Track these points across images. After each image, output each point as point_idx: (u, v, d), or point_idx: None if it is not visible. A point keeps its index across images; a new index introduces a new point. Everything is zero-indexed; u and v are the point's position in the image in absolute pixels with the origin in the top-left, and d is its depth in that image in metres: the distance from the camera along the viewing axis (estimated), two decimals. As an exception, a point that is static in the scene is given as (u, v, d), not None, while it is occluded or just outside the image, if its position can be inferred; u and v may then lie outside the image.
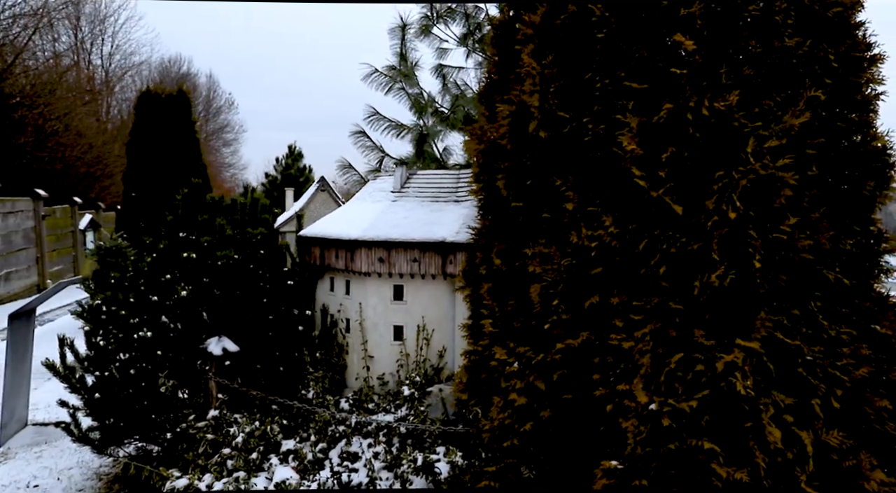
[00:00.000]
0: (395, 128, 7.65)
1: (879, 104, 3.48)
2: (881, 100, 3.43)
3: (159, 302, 4.32)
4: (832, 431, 2.73)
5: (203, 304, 4.27)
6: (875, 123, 3.48)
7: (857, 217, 3.32)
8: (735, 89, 2.88)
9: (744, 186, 2.74)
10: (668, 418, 2.74)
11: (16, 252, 17.34)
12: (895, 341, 3.03)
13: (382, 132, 7.74)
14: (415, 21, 8.65)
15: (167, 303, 4.20)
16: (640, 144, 2.96)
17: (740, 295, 2.81)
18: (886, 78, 3.38)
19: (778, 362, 2.80)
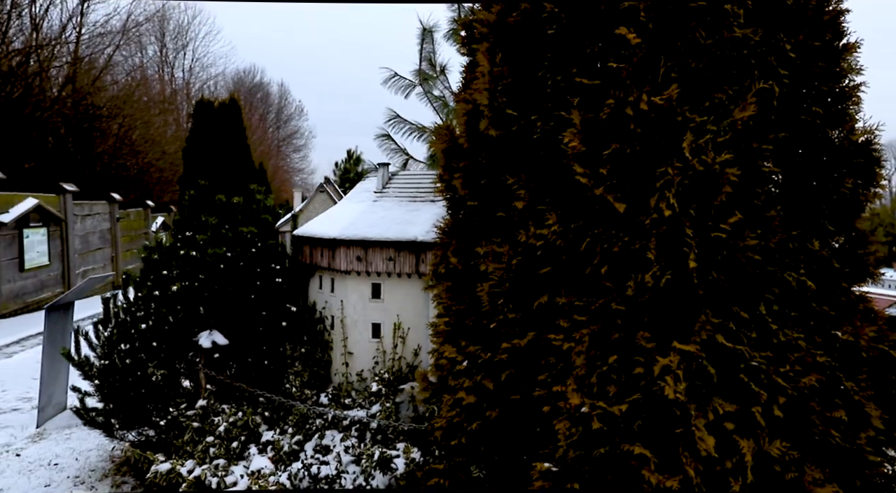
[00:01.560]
0: (416, 130, 7.73)
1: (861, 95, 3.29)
2: (861, 91, 3.23)
3: (159, 297, 4.56)
4: (776, 441, 2.58)
5: (195, 299, 4.47)
6: (857, 115, 3.27)
7: (833, 216, 3.13)
8: (680, 82, 2.79)
9: (680, 182, 2.64)
10: (598, 421, 2.67)
11: (92, 251, 18.61)
12: (864, 346, 2.84)
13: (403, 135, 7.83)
14: (440, 24, 8.70)
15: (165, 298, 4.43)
16: (583, 140, 2.90)
17: (681, 296, 2.71)
18: (865, 68, 3.18)
19: (720, 366, 2.67)
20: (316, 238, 4.69)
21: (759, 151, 2.78)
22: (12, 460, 5.33)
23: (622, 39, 2.83)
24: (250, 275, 4.61)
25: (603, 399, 2.69)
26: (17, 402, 7.52)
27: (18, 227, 15.99)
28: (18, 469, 5.09)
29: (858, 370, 2.82)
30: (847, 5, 3.28)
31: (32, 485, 4.77)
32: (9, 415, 6.93)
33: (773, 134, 2.85)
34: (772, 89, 2.76)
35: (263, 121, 44.25)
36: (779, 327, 2.72)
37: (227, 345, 4.47)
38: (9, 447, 5.75)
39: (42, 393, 6.45)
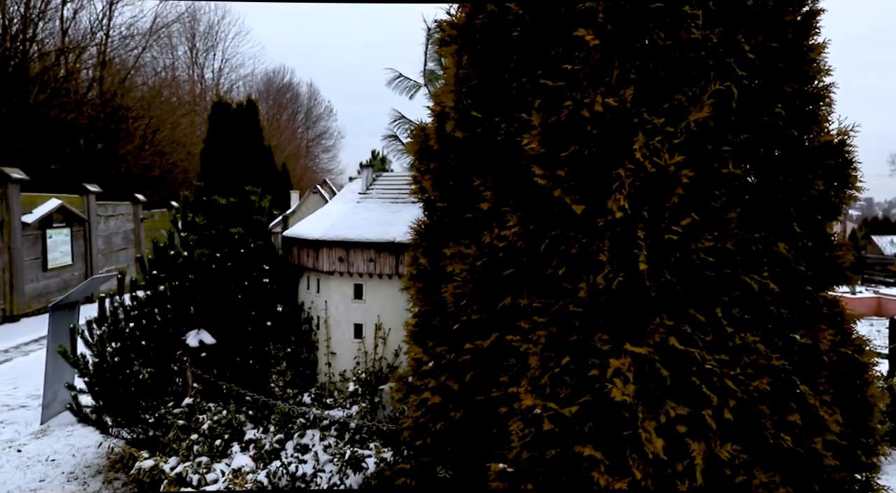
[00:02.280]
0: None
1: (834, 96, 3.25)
2: (832, 92, 3.19)
3: (150, 296, 4.67)
4: (727, 444, 2.56)
5: (185, 298, 4.57)
6: (829, 116, 3.23)
7: (802, 218, 3.09)
8: (638, 84, 2.79)
9: (632, 184, 2.63)
10: (549, 422, 2.68)
11: (116, 252, 18.99)
12: (824, 349, 2.80)
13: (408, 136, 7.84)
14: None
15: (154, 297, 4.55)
16: (542, 142, 2.91)
17: (636, 298, 2.71)
18: (833, 68, 3.14)
19: (674, 369, 2.66)
20: (301, 239, 4.76)
21: (717, 153, 2.77)
22: (13, 456, 5.49)
23: (580, 41, 2.84)
24: (238, 275, 4.70)
25: (554, 401, 2.69)
26: (27, 399, 7.73)
27: (42, 227, 16.41)
28: (17, 465, 5.24)
29: (817, 374, 2.78)
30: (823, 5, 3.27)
31: (27, 480, 4.91)
32: (17, 412, 7.13)
33: (733, 135, 2.83)
34: (729, 91, 2.74)
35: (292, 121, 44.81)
36: (735, 329, 2.70)
37: (215, 344, 4.56)
38: (12, 442, 5.93)
39: (46, 391, 6.62)
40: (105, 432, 5.09)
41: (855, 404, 2.96)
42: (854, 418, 2.96)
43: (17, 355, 10.69)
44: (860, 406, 2.96)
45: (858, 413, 2.98)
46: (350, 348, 4.65)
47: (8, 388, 8.44)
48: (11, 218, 14.84)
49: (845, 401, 2.95)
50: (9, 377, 9.11)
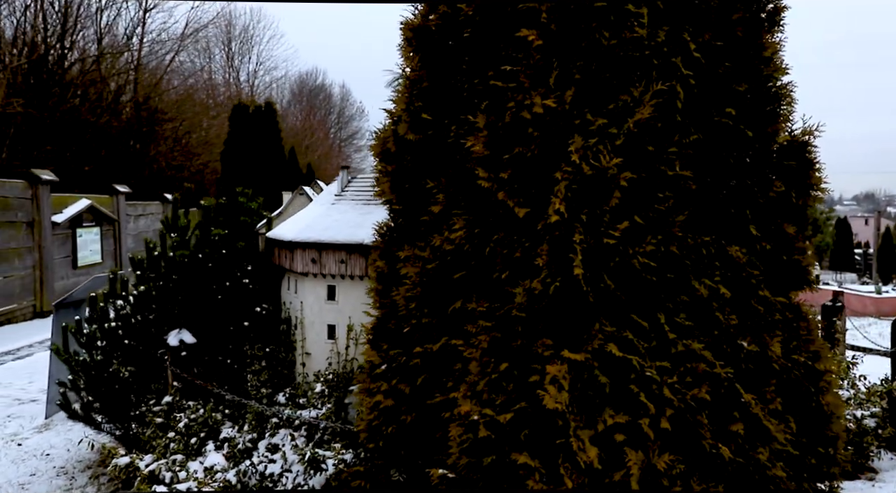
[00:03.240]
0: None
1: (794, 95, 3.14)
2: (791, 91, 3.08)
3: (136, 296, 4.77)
4: (665, 454, 2.50)
5: (167, 298, 4.66)
6: (790, 116, 3.13)
7: (759, 221, 3.00)
8: (583, 84, 2.73)
9: (568, 187, 2.58)
10: (485, 428, 2.65)
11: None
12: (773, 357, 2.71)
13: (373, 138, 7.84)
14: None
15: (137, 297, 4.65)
16: (487, 144, 2.88)
17: (575, 304, 2.66)
18: (790, 67, 3.04)
19: (614, 376, 2.61)
20: (279, 240, 4.81)
21: (662, 155, 2.70)
22: (12, 449, 5.67)
23: (524, 41, 2.80)
24: (219, 276, 4.77)
25: (491, 407, 2.66)
26: (39, 393, 7.97)
27: (72, 226, 16.93)
28: (13, 459, 5.41)
29: (765, 382, 2.69)
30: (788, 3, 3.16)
31: (19, 474, 5.07)
32: (26, 406, 7.36)
33: (681, 136, 2.75)
34: (673, 90, 2.67)
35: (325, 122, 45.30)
36: (678, 336, 2.63)
37: (196, 343, 4.63)
38: (15, 436, 6.13)
39: (50, 386, 6.81)
40: (97, 428, 5.23)
41: (810, 413, 2.86)
42: (810, 427, 2.86)
43: (40, 349, 11.05)
44: (816, 415, 2.86)
45: (815, 422, 2.88)
46: (323, 349, 4.68)
47: (24, 382, 8.73)
48: (42, 218, 15.33)
49: (800, 410, 2.85)
50: (27, 372, 9.42)
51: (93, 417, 4.92)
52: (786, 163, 3.07)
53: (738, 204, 2.96)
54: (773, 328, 2.84)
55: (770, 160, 3.02)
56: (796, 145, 3.10)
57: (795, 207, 3.15)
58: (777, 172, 3.04)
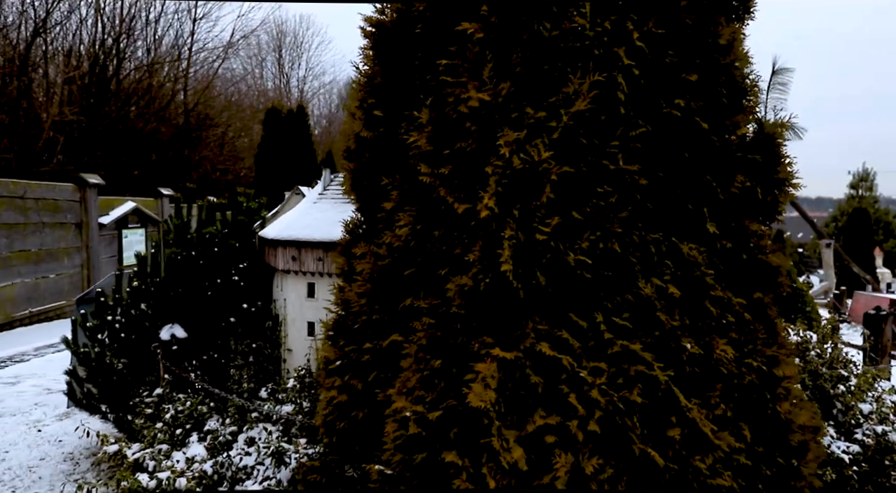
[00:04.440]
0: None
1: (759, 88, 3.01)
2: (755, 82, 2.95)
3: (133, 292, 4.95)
4: (594, 457, 2.42)
5: (161, 295, 4.81)
6: (756, 109, 2.99)
7: (718, 218, 2.87)
8: (523, 77, 2.68)
9: (499, 182, 2.54)
10: (416, 425, 2.62)
11: (183, 250, 20.10)
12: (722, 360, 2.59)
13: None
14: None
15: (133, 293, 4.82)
16: (431, 139, 2.86)
17: (509, 301, 2.60)
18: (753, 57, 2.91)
19: (547, 376, 2.54)
20: (266, 239, 4.90)
21: (602, 148, 2.62)
22: (31, 435, 5.96)
23: (464, 34, 2.76)
24: (210, 273, 4.90)
25: (422, 404, 2.63)
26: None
27: (118, 228, 17.71)
28: (30, 443, 5.68)
29: (710, 387, 2.57)
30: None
31: (31, 457, 5.32)
32: (53, 395, 7.71)
33: (625, 129, 2.66)
34: (614, 82, 2.58)
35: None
36: (615, 336, 2.54)
37: (186, 338, 4.76)
38: (37, 423, 6.44)
39: (74, 377, 7.14)
40: (105, 417, 5.44)
41: (765, 422, 2.71)
42: (766, 436, 2.72)
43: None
44: (773, 424, 2.71)
45: (772, 431, 2.73)
46: (303, 346, 4.73)
47: (57, 373, 9.12)
48: (89, 219, 16.08)
49: (755, 418, 2.71)
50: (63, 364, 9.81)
51: (94, 405, 5.12)
52: (750, 157, 2.93)
53: (696, 200, 2.84)
54: (725, 331, 2.71)
55: (730, 155, 2.89)
56: (761, 139, 2.95)
57: (763, 203, 3.01)
58: (740, 167, 2.91)
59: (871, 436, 5.33)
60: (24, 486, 4.66)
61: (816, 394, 5.91)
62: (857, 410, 5.50)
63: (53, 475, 4.90)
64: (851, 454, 5.26)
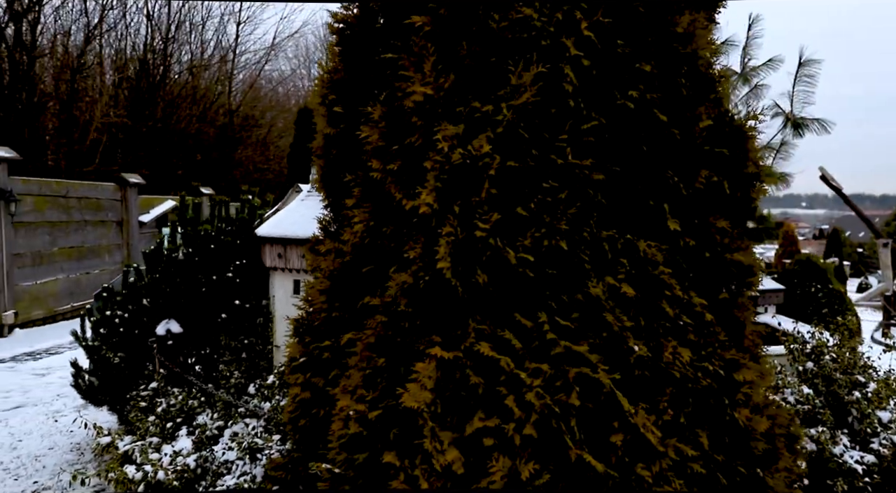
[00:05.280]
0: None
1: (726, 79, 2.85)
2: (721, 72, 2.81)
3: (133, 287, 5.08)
4: (530, 462, 2.34)
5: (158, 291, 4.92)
6: (723, 100, 2.85)
7: (681, 214, 2.74)
8: (468, 70, 2.62)
9: (438, 177, 2.48)
10: (358, 425, 2.60)
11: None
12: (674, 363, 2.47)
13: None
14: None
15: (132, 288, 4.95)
16: (383, 135, 2.82)
17: (450, 299, 2.55)
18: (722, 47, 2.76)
19: (489, 377, 2.47)
20: (258, 237, 4.96)
21: (549, 142, 2.53)
22: (47, 425, 6.20)
23: (412, 27, 2.71)
24: (205, 270, 4.98)
25: (364, 403, 2.60)
26: (93, 376, 8.66)
27: (158, 226, 18.27)
28: (43, 433, 5.91)
29: (659, 391, 2.45)
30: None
31: (41, 446, 5.53)
32: (78, 387, 8.01)
33: (575, 122, 2.57)
34: (559, 72, 2.50)
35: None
36: (559, 337, 2.45)
37: (182, 334, 4.86)
38: (56, 413, 6.69)
39: (95, 370, 7.40)
40: (112, 409, 5.61)
41: (724, 429, 2.57)
42: (726, 444, 2.58)
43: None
44: (732, 431, 2.57)
45: (732, 439, 2.59)
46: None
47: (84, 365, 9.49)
48: (129, 217, 16.67)
49: (713, 424, 2.58)
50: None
51: (99, 398, 5.28)
52: (717, 150, 2.80)
53: (657, 196, 2.72)
54: (682, 333, 2.59)
55: (695, 148, 2.75)
56: (728, 132, 2.81)
57: (731, 199, 2.87)
58: (705, 161, 2.77)
59: (889, 446, 5.05)
60: (27, 474, 4.85)
61: (830, 400, 5.63)
62: (875, 418, 5.21)
63: (58, 464, 5.08)
64: (866, 464, 5.01)
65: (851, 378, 5.74)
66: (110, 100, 20.40)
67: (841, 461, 5.21)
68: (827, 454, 5.19)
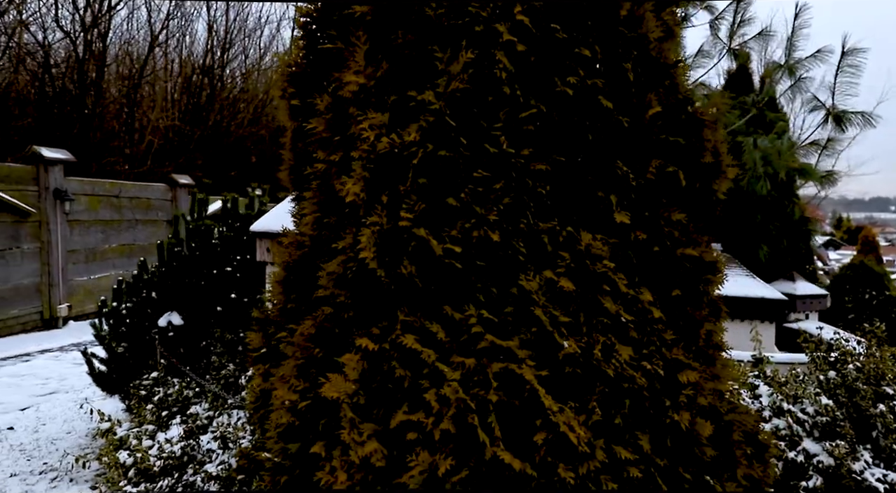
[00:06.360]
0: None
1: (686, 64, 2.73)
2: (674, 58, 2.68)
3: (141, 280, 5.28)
4: (449, 457, 2.28)
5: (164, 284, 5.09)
6: (679, 88, 2.72)
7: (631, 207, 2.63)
8: (405, 59, 2.59)
9: (365, 166, 2.46)
10: (289, 414, 2.60)
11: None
12: (596, 360, 2.37)
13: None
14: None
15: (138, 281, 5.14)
16: (328, 126, 2.82)
17: (378, 290, 2.52)
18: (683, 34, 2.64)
19: (415, 370, 2.43)
20: (250, 232, 5.06)
21: (484, 131, 2.47)
22: (73, 411, 6.52)
23: (352, 17, 2.70)
24: (206, 264, 5.12)
25: (296, 393, 2.60)
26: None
27: (208, 225, 18.91)
28: (66, 418, 6.22)
29: (589, 390, 2.35)
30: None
31: (60, 431, 5.81)
32: (110, 376, 8.39)
33: (511, 110, 2.49)
34: (491, 59, 2.43)
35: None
36: (485, 330, 2.39)
37: (182, 325, 5.01)
38: (84, 401, 7.00)
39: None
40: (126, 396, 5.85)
41: (664, 432, 2.44)
42: (667, 448, 2.45)
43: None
44: (672, 434, 2.44)
45: (673, 442, 2.45)
46: (278, 336, 4.82)
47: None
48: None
49: (653, 427, 2.45)
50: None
51: (108, 385, 5.51)
52: (672, 139, 2.67)
53: (606, 188, 2.62)
54: (623, 330, 2.47)
55: (646, 137, 2.63)
56: (684, 120, 2.67)
57: (689, 191, 2.73)
58: (657, 151, 2.65)
59: (905, 452, 4.71)
60: (40, 455, 5.11)
61: (852, 413, 5.29)
62: (903, 433, 4.87)
63: (70, 447, 5.32)
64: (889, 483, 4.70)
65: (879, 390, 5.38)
66: (166, 103, 21.35)
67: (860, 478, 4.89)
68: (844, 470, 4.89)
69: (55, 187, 12.62)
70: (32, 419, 6.04)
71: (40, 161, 12.38)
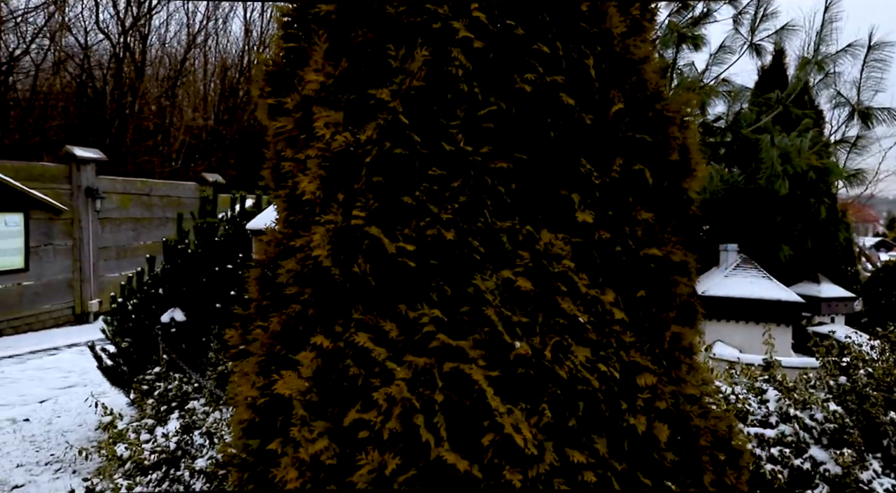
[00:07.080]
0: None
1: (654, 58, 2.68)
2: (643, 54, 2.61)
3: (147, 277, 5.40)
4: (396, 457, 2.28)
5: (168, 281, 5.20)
6: (647, 85, 2.66)
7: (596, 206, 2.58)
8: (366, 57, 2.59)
9: (320, 164, 2.47)
10: (249, 410, 2.63)
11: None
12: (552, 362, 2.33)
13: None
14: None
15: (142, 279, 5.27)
16: (297, 125, 2.84)
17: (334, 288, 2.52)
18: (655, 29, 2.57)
19: (368, 368, 2.43)
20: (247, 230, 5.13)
21: (441, 128, 2.45)
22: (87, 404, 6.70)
23: (317, 16, 2.71)
24: (208, 262, 5.21)
25: (256, 389, 2.63)
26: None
27: (237, 223, 19.28)
28: (80, 411, 6.41)
29: (540, 392, 2.31)
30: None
31: (72, 423, 5.99)
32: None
33: (470, 107, 2.47)
34: (446, 56, 2.41)
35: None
36: (437, 329, 2.37)
37: (184, 322, 5.11)
38: (101, 394, 7.20)
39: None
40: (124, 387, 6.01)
41: (623, 435, 2.39)
42: (625, 451, 2.40)
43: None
44: (629, 438, 2.38)
45: (633, 446, 2.40)
46: (271, 333, 4.88)
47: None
48: (210, 214, 17.76)
49: (610, 430, 2.40)
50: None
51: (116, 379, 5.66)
52: (638, 136, 2.60)
53: (570, 186, 2.57)
54: (580, 331, 2.42)
55: (610, 134, 2.57)
56: (651, 117, 2.61)
57: (657, 190, 2.66)
58: (622, 149, 2.59)
59: (911, 456, 4.53)
60: (49, 447, 5.29)
61: (861, 420, 5.10)
62: (914, 442, 4.68)
63: (78, 440, 5.48)
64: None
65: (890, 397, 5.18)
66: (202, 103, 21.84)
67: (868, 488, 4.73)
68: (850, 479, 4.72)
69: (87, 186, 13.02)
70: (48, 411, 6.26)
71: (73, 160, 12.80)
